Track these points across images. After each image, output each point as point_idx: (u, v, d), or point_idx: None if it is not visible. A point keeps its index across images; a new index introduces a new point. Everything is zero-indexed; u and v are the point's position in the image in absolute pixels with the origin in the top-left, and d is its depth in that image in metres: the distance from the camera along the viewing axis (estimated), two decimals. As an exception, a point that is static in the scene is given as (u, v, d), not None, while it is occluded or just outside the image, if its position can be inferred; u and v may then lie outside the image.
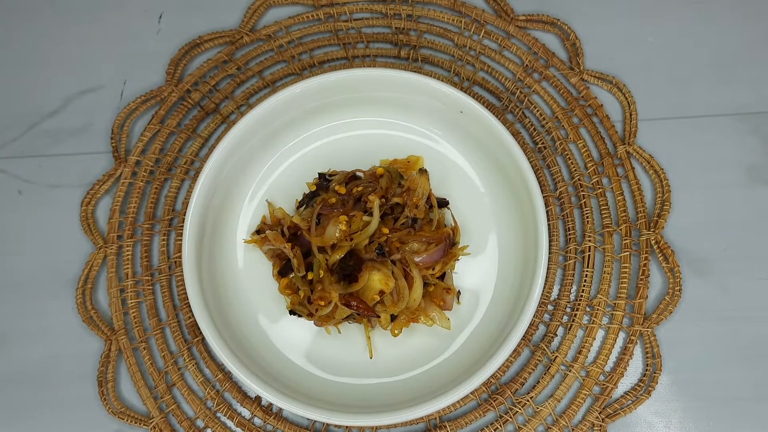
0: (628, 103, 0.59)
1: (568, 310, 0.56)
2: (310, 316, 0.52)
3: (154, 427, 0.55)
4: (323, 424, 0.54)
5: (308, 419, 0.54)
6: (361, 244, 0.51)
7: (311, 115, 0.57)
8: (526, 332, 0.55)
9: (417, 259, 0.52)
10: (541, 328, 0.56)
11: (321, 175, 0.56)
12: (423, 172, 0.54)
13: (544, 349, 0.55)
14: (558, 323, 0.55)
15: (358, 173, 0.55)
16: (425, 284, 0.52)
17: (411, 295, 0.51)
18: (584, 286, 0.56)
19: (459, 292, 0.55)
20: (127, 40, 0.64)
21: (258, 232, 0.56)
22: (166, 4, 0.64)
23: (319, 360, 0.54)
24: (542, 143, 0.59)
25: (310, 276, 0.52)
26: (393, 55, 0.62)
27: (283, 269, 0.54)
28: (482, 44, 0.61)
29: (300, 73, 0.62)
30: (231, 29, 0.63)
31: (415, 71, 0.56)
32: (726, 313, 0.56)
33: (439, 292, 0.53)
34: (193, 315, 0.55)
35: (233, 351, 0.50)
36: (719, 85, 0.60)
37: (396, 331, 0.53)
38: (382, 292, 0.50)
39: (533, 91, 0.60)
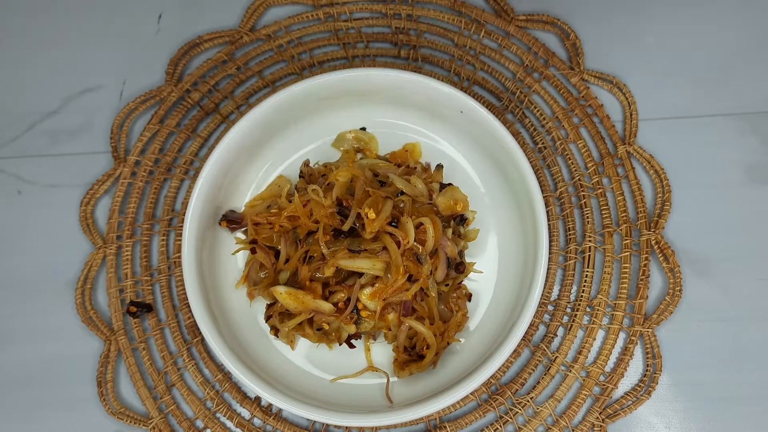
0: (629, 103, 0.59)
1: (568, 310, 0.56)
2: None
3: (154, 428, 0.55)
4: (323, 424, 0.54)
5: (308, 419, 0.54)
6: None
7: (311, 114, 0.57)
8: (526, 333, 0.55)
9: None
10: (541, 328, 0.56)
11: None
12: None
13: (544, 350, 0.55)
14: (558, 323, 0.55)
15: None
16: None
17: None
18: (584, 286, 0.55)
19: (471, 294, 0.55)
20: (127, 40, 0.64)
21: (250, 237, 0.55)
22: (165, 4, 0.64)
23: (319, 360, 0.54)
24: (542, 143, 0.59)
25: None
26: (393, 54, 0.62)
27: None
28: (482, 44, 0.61)
29: (300, 72, 0.62)
30: (231, 29, 0.63)
31: (414, 71, 0.56)
32: (726, 313, 0.56)
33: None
34: (192, 315, 0.54)
35: (233, 351, 0.50)
36: (719, 85, 0.60)
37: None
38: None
39: (533, 91, 0.60)
